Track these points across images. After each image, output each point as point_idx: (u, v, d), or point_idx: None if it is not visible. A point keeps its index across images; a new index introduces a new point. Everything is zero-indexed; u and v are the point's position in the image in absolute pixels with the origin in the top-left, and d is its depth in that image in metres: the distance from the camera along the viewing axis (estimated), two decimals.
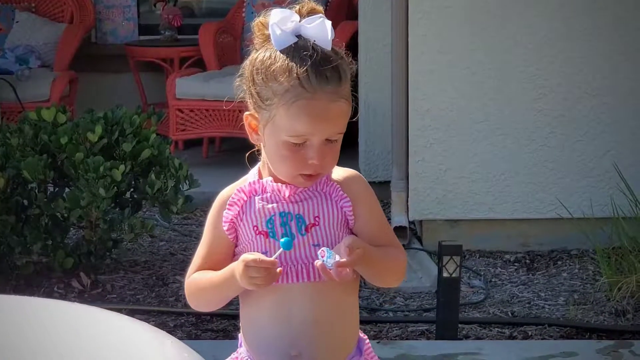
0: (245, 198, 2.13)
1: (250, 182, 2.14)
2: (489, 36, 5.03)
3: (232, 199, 2.14)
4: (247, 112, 2.13)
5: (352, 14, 6.93)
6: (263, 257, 2.04)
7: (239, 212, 2.13)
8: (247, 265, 2.02)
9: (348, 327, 2.17)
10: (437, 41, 5.03)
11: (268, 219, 2.11)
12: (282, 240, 2.05)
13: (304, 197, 2.12)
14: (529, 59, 5.04)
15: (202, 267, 2.16)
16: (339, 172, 2.16)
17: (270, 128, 2.07)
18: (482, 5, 5.01)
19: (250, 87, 2.10)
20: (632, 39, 5.03)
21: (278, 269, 2.04)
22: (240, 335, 2.21)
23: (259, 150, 2.16)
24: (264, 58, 2.07)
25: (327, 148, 2.06)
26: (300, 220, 2.10)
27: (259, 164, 2.17)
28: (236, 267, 2.06)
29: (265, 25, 2.09)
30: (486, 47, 5.04)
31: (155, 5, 7.85)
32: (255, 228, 2.11)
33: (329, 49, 2.06)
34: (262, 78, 2.06)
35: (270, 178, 2.13)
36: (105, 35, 7.91)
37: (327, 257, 2.00)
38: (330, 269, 2.01)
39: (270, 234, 2.10)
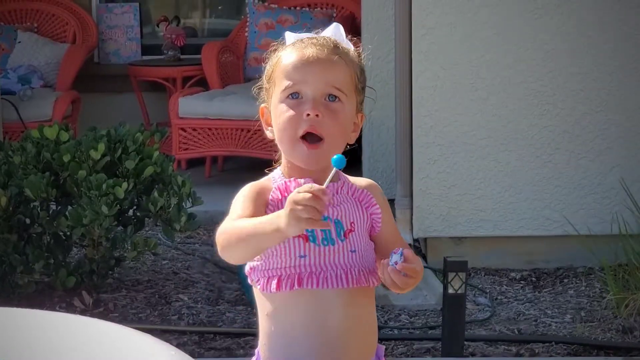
0: (280, 197, 2.08)
1: (286, 181, 2.10)
2: (492, 52, 5.01)
3: (271, 197, 2.08)
4: (261, 105, 2.18)
5: (355, 31, 6.93)
6: (312, 186, 1.93)
7: (274, 211, 2.04)
8: (295, 202, 1.90)
9: (373, 334, 2.16)
10: (441, 57, 5.02)
11: None
12: (334, 157, 1.97)
13: (340, 200, 2.11)
14: (533, 74, 5.02)
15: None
16: (361, 182, 2.18)
17: (273, 97, 2.12)
18: (485, 21, 5.00)
19: (262, 80, 2.17)
20: (637, 54, 5.01)
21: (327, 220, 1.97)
22: (257, 351, 2.15)
23: (276, 162, 2.17)
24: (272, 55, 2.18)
25: (325, 107, 2.08)
26: (339, 225, 2.08)
27: (280, 168, 2.15)
28: (284, 209, 1.95)
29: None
30: (490, 63, 5.02)
31: (158, 25, 7.85)
32: None
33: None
34: (268, 61, 2.16)
35: (310, 180, 2.07)
36: (108, 56, 7.91)
37: (392, 261, 2.00)
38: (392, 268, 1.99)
39: (311, 237, 2.06)
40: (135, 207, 4.59)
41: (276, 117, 2.11)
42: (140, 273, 4.99)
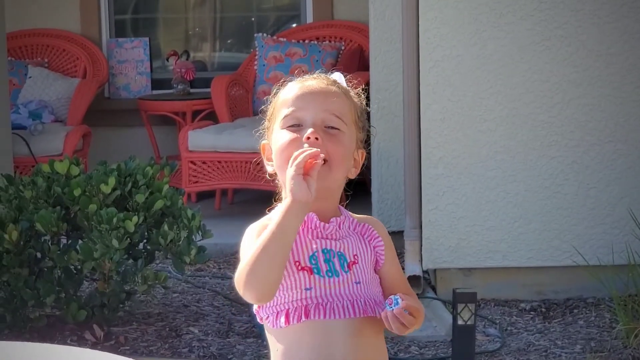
0: None
1: None
2: (499, 84, 5.03)
3: None
4: (263, 142, 2.21)
5: (363, 64, 6.96)
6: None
7: None
8: (297, 166, 2.01)
9: None
10: (449, 90, 5.04)
11: (311, 255, 2.10)
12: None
13: (342, 235, 2.14)
14: (541, 106, 5.04)
15: None
16: (362, 218, 2.20)
17: (274, 127, 2.15)
18: (492, 53, 5.02)
19: (264, 122, 2.21)
20: None
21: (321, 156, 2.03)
22: None
23: (278, 197, 2.18)
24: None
25: (326, 134, 2.10)
26: (342, 258, 2.11)
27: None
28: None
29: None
30: (497, 95, 5.04)
31: (168, 60, 7.89)
32: (297, 263, 2.09)
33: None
34: (269, 102, 2.19)
35: (315, 214, 2.11)
36: (119, 90, 7.95)
37: (394, 305, 2.05)
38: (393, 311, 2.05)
39: (315, 270, 2.09)
40: (145, 241, 4.60)
41: (276, 143, 2.13)
42: (150, 306, 4.99)
